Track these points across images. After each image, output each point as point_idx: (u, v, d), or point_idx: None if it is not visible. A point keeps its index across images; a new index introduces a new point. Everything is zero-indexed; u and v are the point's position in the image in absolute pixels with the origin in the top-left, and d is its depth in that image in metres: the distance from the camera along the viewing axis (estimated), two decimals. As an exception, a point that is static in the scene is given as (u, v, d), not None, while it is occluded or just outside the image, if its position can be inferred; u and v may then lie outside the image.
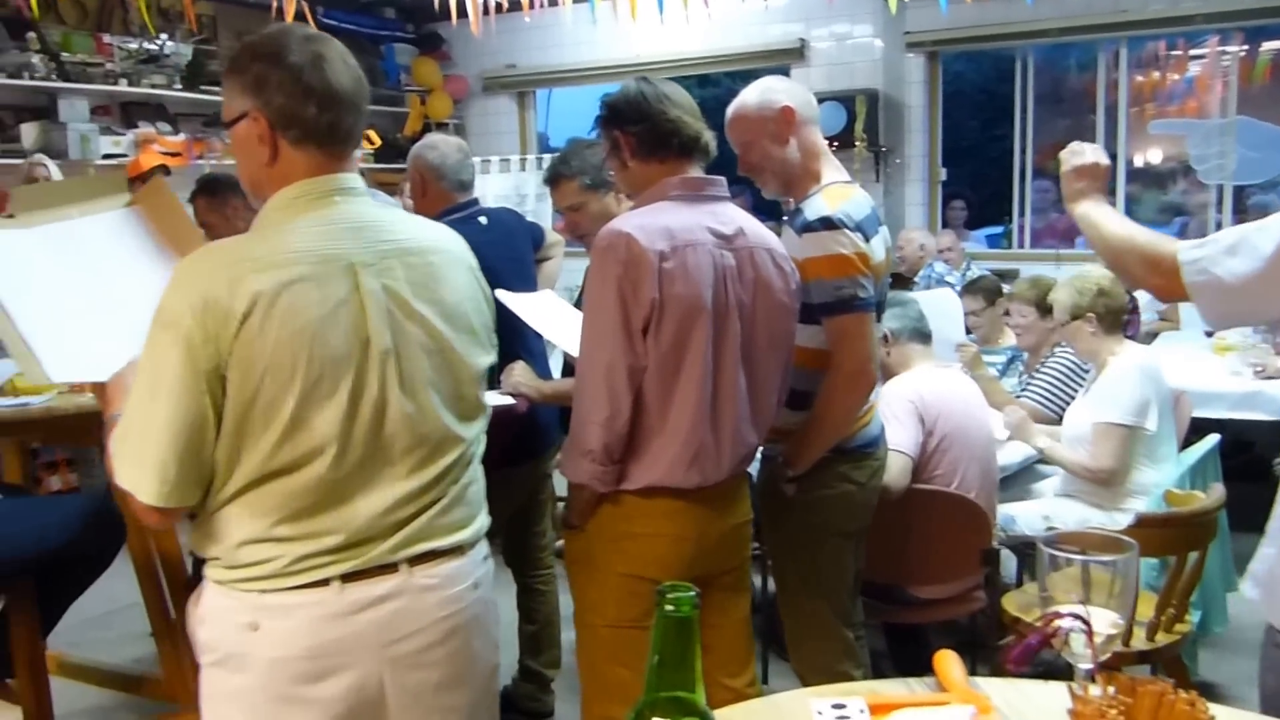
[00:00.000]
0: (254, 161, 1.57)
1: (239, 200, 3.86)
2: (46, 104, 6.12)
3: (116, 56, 6.34)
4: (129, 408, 1.48)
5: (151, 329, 1.47)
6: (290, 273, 1.47)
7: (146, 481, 1.45)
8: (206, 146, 6.73)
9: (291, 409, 1.46)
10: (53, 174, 5.03)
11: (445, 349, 1.62)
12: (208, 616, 1.58)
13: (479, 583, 1.69)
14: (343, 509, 1.53)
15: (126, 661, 3.69)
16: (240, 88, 1.55)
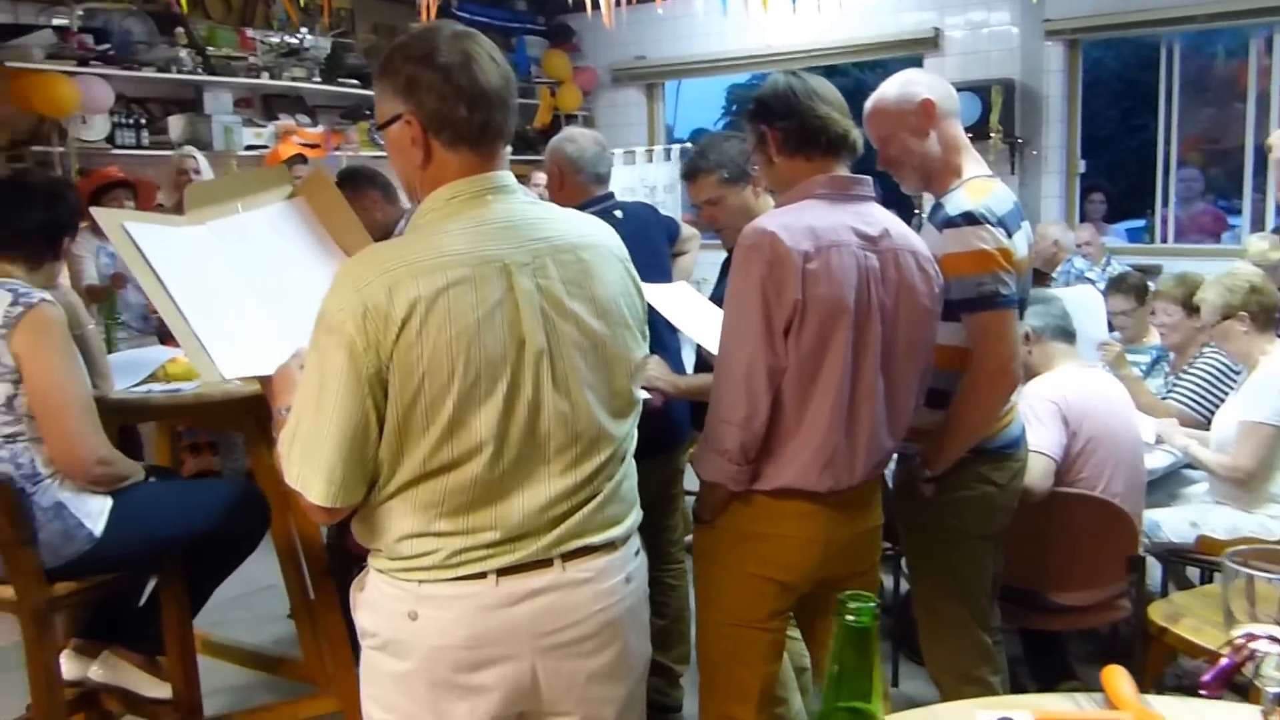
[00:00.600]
0: (409, 163, 1.60)
1: (376, 193, 3.93)
2: (193, 97, 6.35)
3: (259, 50, 6.53)
4: (296, 410, 1.54)
5: (315, 333, 1.51)
6: (447, 276, 1.49)
7: (315, 482, 1.50)
8: (343, 138, 6.90)
9: (450, 410, 1.49)
10: (201, 165, 5.21)
11: (599, 345, 1.62)
12: (370, 603, 1.63)
13: (631, 576, 1.71)
14: (499, 505, 1.55)
15: (265, 642, 3.81)
16: (392, 91, 1.57)
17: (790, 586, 2.13)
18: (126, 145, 5.87)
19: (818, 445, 2.03)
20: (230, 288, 1.96)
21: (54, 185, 2.57)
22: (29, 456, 2.34)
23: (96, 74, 5.59)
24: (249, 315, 1.92)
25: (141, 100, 6.14)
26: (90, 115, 5.63)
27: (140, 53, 5.89)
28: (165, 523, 2.52)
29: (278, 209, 2.15)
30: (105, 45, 5.70)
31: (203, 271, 1.91)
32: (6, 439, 2.33)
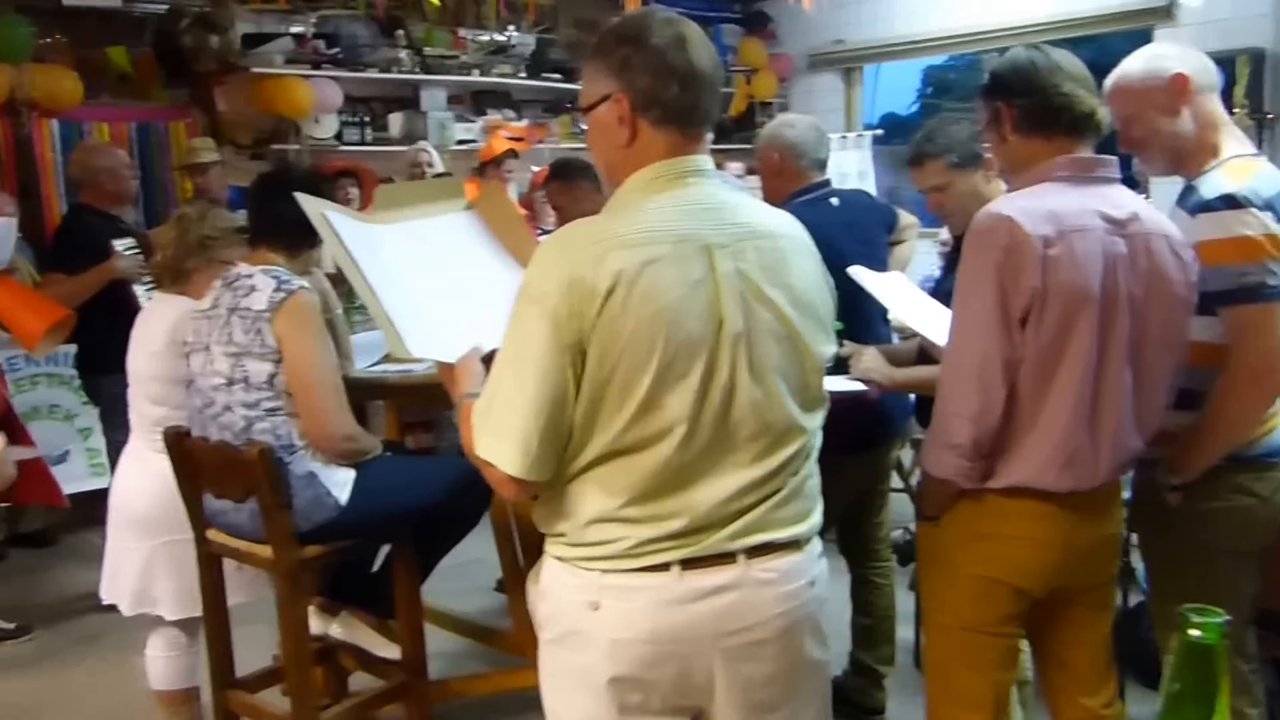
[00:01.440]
0: (612, 144, 1.61)
1: (587, 183, 4.06)
2: (411, 95, 6.70)
3: (469, 49, 6.83)
4: (494, 379, 1.54)
5: (518, 303, 1.53)
6: (650, 252, 1.49)
7: (509, 453, 1.50)
8: (547, 131, 7.13)
9: (646, 388, 1.49)
10: (434, 159, 5.51)
11: (794, 335, 1.61)
12: (549, 593, 1.63)
13: (815, 580, 1.67)
14: (686, 493, 1.54)
15: (472, 612, 4.00)
16: (605, 70, 1.59)
17: (1024, 591, 2.04)
18: (352, 142, 6.26)
19: (1057, 442, 1.94)
20: (414, 281, 2.05)
21: (312, 178, 2.77)
22: (287, 429, 2.56)
23: (328, 76, 5.98)
24: (431, 305, 2.00)
25: (365, 100, 6.52)
26: (322, 115, 6.03)
27: (365, 55, 6.27)
28: (400, 496, 2.70)
29: (456, 218, 2.27)
30: (335, 49, 6.09)
31: (391, 263, 2.01)
32: (268, 412, 2.56)
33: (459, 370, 1.79)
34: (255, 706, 2.80)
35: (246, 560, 2.70)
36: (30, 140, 5.32)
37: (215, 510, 2.69)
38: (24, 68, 5.18)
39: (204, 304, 2.72)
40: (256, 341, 2.55)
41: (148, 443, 3.00)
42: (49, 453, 4.91)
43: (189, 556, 2.86)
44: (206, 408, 2.64)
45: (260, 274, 2.64)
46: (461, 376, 1.77)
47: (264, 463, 2.47)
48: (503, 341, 1.55)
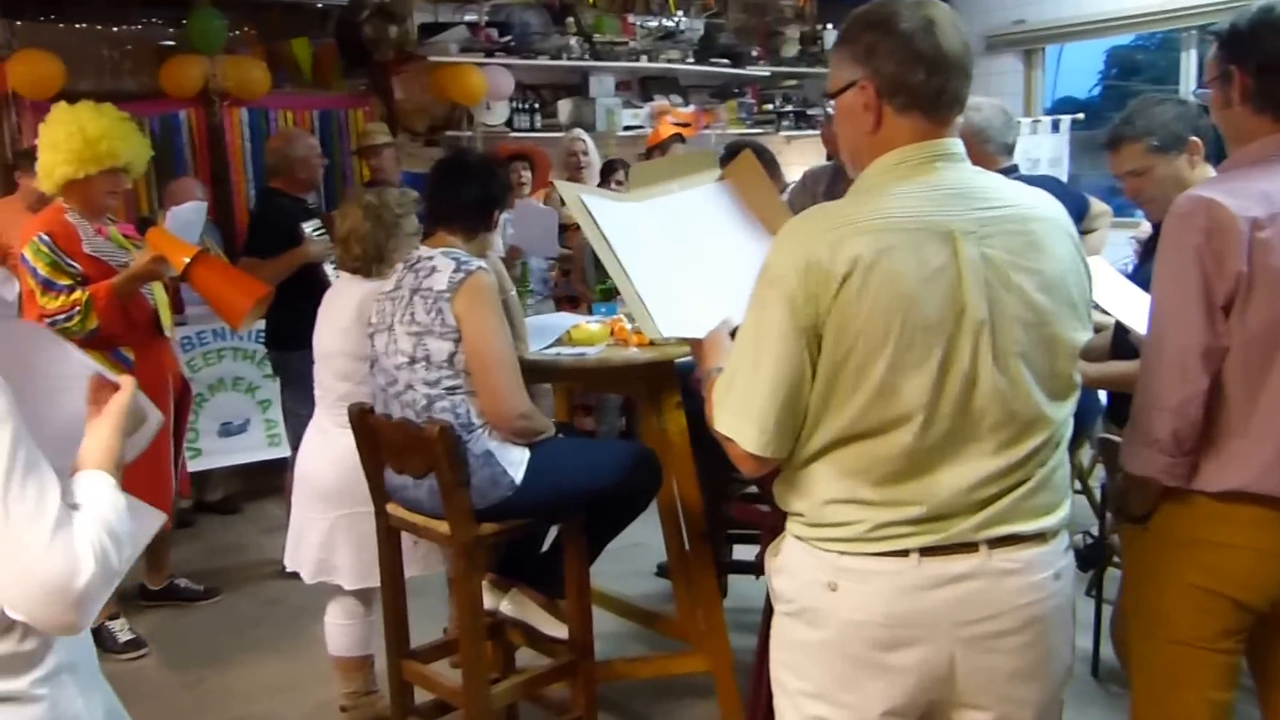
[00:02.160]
0: (857, 130, 1.61)
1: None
2: (579, 82, 6.76)
3: (637, 35, 6.85)
4: (735, 359, 1.59)
5: (758, 286, 1.56)
6: (889, 238, 1.49)
7: (748, 430, 1.54)
8: (713, 116, 7.09)
9: (881, 374, 1.49)
10: (589, 148, 5.56)
11: (1043, 322, 1.56)
12: (787, 568, 1.66)
13: (1061, 573, 1.62)
14: (926, 480, 1.53)
15: (633, 595, 4.02)
16: (850, 57, 1.59)
17: (1245, 605, 1.91)
18: (522, 129, 6.37)
19: (1278, 443, 1.81)
20: (667, 258, 2.08)
21: (488, 163, 2.82)
22: (465, 407, 2.61)
23: (500, 64, 6.09)
24: (683, 283, 2.03)
25: (535, 87, 6.62)
26: (494, 102, 6.15)
27: (536, 43, 6.35)
28: (573, 477, 2.72)
29: (708, 189, 2.28)
30: (507, 37, 6.20)
31: (643, 241, 2.05)
32: (448, 390, 2.61)
33: (708, 344, 1.84)
34: (428, 677, 2.87)
35: (424, 535, 2.76)
36: (221, 128, 5.59)
37: (396, 485, 2.77)
38: (216, 59, 5.45)
39: (388, 285, 2.80)
40: (437, 321, 2.60)
41: (331, 418, 3.11)
42: (231, 421, 5.19)
43: (368, 529, 2.95)
44: (390, 386, 2.71)
45: (440, 255, 2.69)
46: (710, 350, 1.83)
47: (444, 440, 2.52)
48: (744, 321, 1.59)
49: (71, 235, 3.56)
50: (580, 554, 2.87)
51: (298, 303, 4.20)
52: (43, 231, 3.53)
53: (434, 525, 2.69)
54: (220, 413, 5.13)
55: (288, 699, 3.54)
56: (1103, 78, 12.11)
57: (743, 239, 2.05)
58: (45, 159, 3.54)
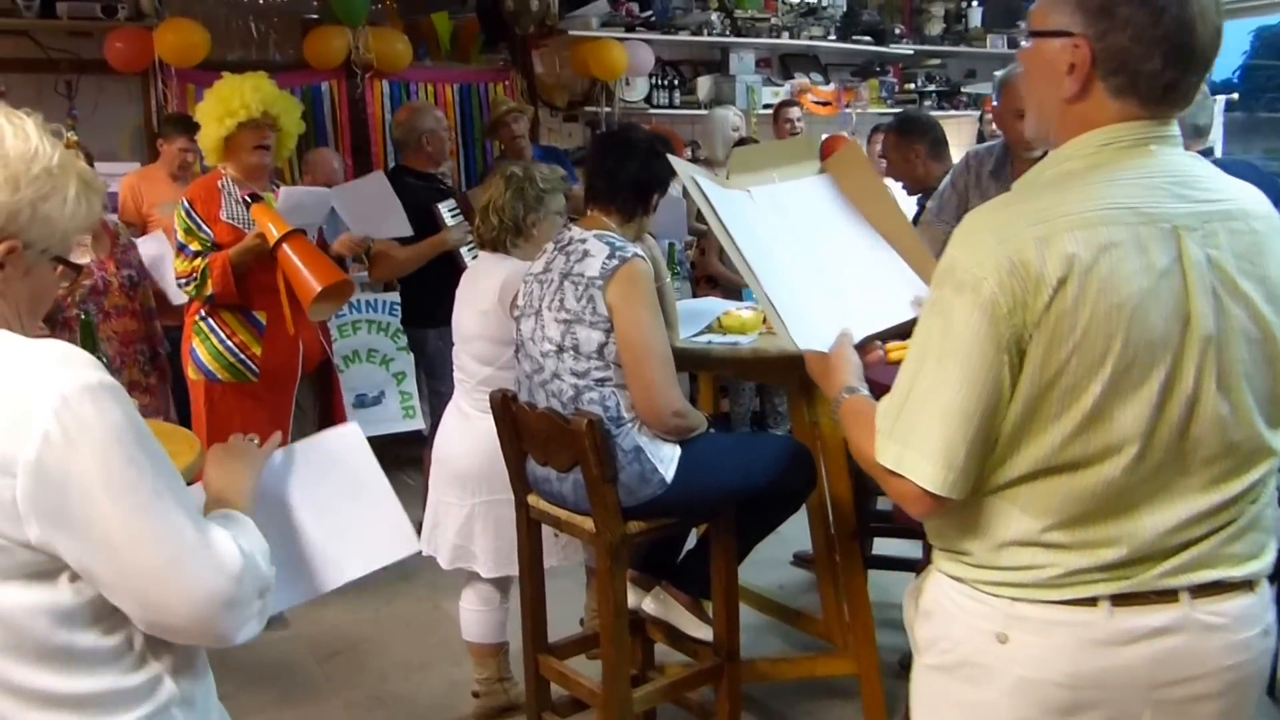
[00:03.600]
0: (1049, 88, 1.36)
1: (923, 146, 3.83)
2: (718, 58, 6.60)
3: (779, 11, 6.65)
4: (907, 377, 1.36)
5: (942, 289, 1.33)
6: (1108, 234, 1.26)
7: (928, 466, 1.32)
8: (854, 95, 6.85)
9: (1095, 397, 1.28)
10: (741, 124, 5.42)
11: (1266, 338, 1.34)
12: (940, 614, 1.45)
13: (1269, 629, 1.41)
14: (1126, 520, 1.33)
15: (769, 585, 3.88)
16: (1077, 3, 1.32)
17: None
18: (661, 105, 6.24)
19: None
20: (784, 257, 1.89)
21: (653, 142, 2.69)
22: (615, 401, 2.50)
23: (641, 39, 5.96)
24: (803, 287, 1.84)
25: (674, 63, 6.47)
26: (633, 78, 6.03)
27: (677, 18, 6.21)
28: (726, 475, 2.59)
29: (812, 182, 2.08)
30: (648, 12, 6.06)
31: (761, 236, 1.85)
32: (597, 382, 2.50)
33: (834, 360, 1.62)
34: (567, 676, 2.78)
35: (567, 530, 2.67)
36: (363, 100, 5.60)
37: (539, 477, 2.68)
38: (359, 31, 5.44)
39: (536, 267, 2.70)
40: (588, 309, 2.49)
41: (472, 401, 3.04)
42: (366, 393, 5.21)
43: (506, 517, 2.88)
44: (535, 373, 2.62)
45: (594, 239, 2.58)
46: (837, 367, 1.61)
47: (592, 434, 2.41)
48: (918, 333, 1.37)
49: (212, 200, 3.60)
50: (729, 554, 2.74)
51: (431, 280, 4.19)
52: (186, 197, 3.62)
53: (578, 521, 2.60)
54: (355, 384, 5.15)
55: (420, 679, 3.51)
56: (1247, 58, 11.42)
57: (853, 240, 1.82)
58: (203, 130, 3.60)
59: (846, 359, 1.60)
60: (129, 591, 1.18)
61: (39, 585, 1.17)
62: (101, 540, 1.15)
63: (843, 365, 1.60)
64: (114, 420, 1.17)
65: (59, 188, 1.26)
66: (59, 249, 1.29)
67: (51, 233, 1.27)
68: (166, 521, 1.18)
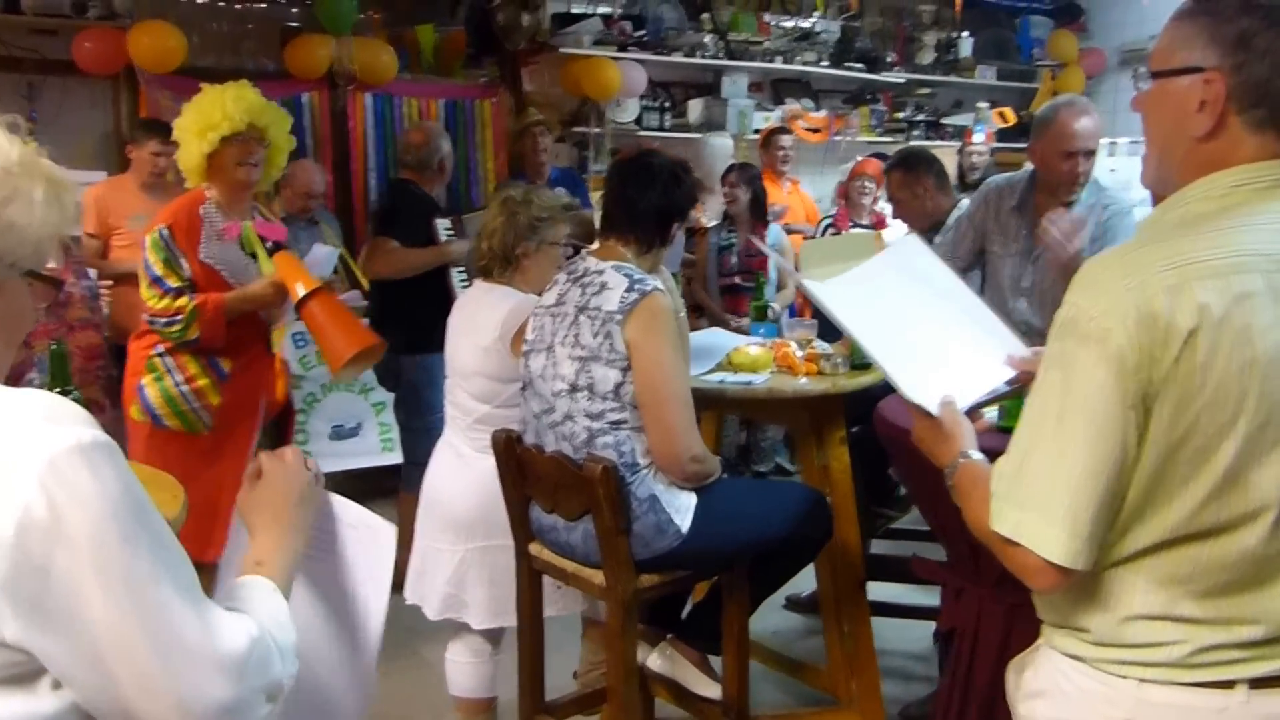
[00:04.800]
0: (1178, 127, 1.28)
1: (931, 179, 3.71)
2: (710, 81, 6.46)
3: (773, 35, 6.53)
4: (1026, 438, 1.27)
5: (1063, 342, 1.24)
6: (1243, 283, 1.19)
7: (1053, 534, 1.23)
8: (845, 123, 6.74)
9: (1228, 459, 1.19)
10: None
11: None
12: (1056, 695, 1.34)
13: None
14: (1262, 593, 1.24)
15: (762, 632, 3.71)
16: (1206, 36, 1.25)
17: None
18: (651, 127, 6.09)
19: None
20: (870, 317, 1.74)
21: (674, 169, 2.52)
22: (630, 445, 2.32)
23: (633, 59, 5.81)
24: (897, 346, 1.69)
25: (665, 84, 6.33)
26: (624, 98, 5.88)
27: (670, 39, 6.07)
28: (744, 526, 2.43)
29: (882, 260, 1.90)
30: (641, 32, 5.92)
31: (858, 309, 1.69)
32: (612, 425, 2.33)
33: (946, 426, 1.48)
34: (568, 737, 2.60)
35: (574, 583, 2.49)
36: (345, 113, 5.40)
37: (544, 525, 2.50)
38: (344, 41, 5.25)
39: (547, 299, 2.52)
40: (605, 345, 2.32)
41: (467, 440, 2.85)
42: (343, 424, 4.98)
43: (502, 564, 2.70)
44: (545, 414, 2.44)
45: (611, 270, 2.41)
46: (951, 433, 1.47)
47: (606, 482, 2.24)
48: (1037, 388, 1.29)
49: (194, 231, 3.21)
50: (742, 608, 2.58)
51: (409, 303, 4.00)
52: (166, 223, 3.20)
53: (586, 574, 2.42)
54: (332, 414, 4.92)
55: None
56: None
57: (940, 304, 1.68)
58: (183, 149, 3.24)
59: (958, 423, 1.47)
60: (112, 700, 0.99)
61: (14, 692, 0.97)
62: (86, 640, 0.96)
63: (956, 430, 1.46)
64: (110, 489, 0.98)
65: (22, 190, 1.07)
66: (31, 261, 1.10)
67: (20, 243, 1.08)
68: (164, 616, 0.99)
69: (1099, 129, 3.15)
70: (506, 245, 2.83)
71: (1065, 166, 3.07)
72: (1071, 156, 3.06)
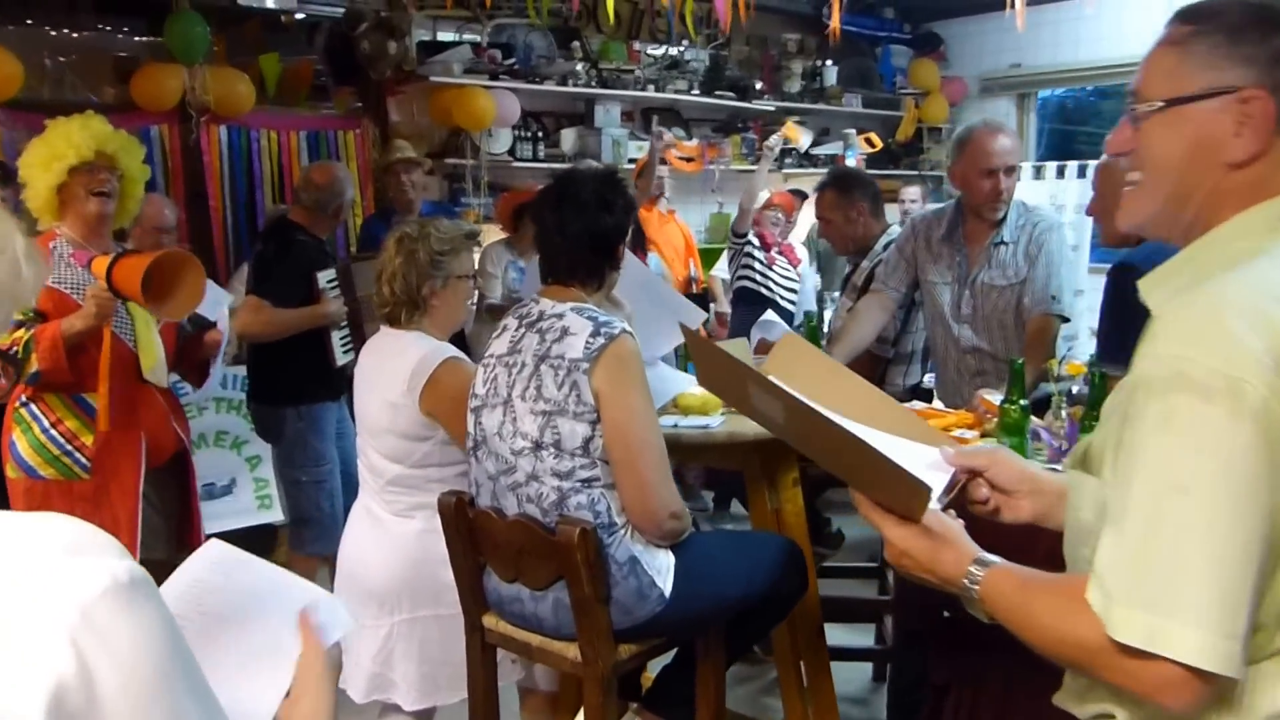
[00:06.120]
0: (1204, 156, 1.17)
1: (866, 204, 3.64)
2: (582, 111, 6.29)
3: (643, 63, 6.42)
4: (1136, 520, 1.05)
5: (1166, 401, 1.04)
6: None
7: (1199, 636, 1.00)
8: (718, 151, 6.68)
9: None
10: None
11: None
12: None
13: None
14: None
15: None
16: (1236, 56, 1.15)
17: None
18: (525, 158, 5.87)
19: None
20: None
21: (599, 188, 2.29)
22: (605, 504, 2.10)
23: (505, 87, 5.59)
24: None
25: (537, 114, 6.13)
26: (496, 129, 5.64)
27: (541, 67, 5.87)
28: (727, 583, 2.23)
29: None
30: (511, 60, 5.70)
31: None
32: (584, 483, 2.10)
33: (936, 529, 1.23)
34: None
35: (539, 658, 2.25)
36: (199, 146, 4.99)
37: (504, 596, 2.24)
38: (196, 70, 4.85)
39: (497, 348, 2.28)
40: (571, 397, 2.10)
41: (382, 504, 2.56)
42: (215, 481, 4.55)
43: (433, 637, 2.45)
44: (504, 474, 2.19)
45: (572, 313, 2.19)
46: (945, 536, 1.23)
47: (585, 546, 2.02)
48: (1138, 461, 1.06)
49: None
50: (718, 672, 2.38)
51: (286, 354, 3.68)
52: None
53: (556, 647, 2.18)
54: (202, 471, 4.43)
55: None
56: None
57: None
58: (30, 187, 2.95)
59: (948, 525, 1.24)
60: None
61: None
62: None
63: (949, 534, 1.23)
64: (153, 639, 0.76)
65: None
66: None
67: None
68: None
69: (1016, 146, 3.18)
70: (410, 287, 2.55)
71: (987, 184, 3.09)
72: (992, 174, 3.09)
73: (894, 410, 1.46)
